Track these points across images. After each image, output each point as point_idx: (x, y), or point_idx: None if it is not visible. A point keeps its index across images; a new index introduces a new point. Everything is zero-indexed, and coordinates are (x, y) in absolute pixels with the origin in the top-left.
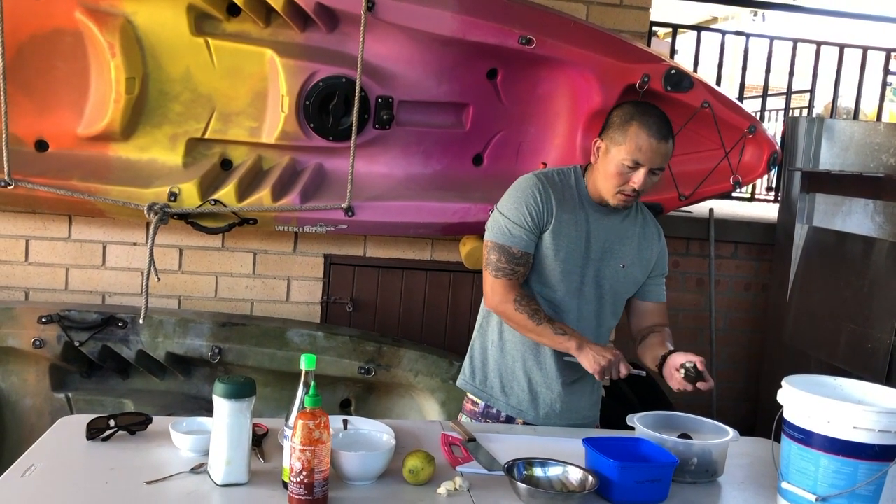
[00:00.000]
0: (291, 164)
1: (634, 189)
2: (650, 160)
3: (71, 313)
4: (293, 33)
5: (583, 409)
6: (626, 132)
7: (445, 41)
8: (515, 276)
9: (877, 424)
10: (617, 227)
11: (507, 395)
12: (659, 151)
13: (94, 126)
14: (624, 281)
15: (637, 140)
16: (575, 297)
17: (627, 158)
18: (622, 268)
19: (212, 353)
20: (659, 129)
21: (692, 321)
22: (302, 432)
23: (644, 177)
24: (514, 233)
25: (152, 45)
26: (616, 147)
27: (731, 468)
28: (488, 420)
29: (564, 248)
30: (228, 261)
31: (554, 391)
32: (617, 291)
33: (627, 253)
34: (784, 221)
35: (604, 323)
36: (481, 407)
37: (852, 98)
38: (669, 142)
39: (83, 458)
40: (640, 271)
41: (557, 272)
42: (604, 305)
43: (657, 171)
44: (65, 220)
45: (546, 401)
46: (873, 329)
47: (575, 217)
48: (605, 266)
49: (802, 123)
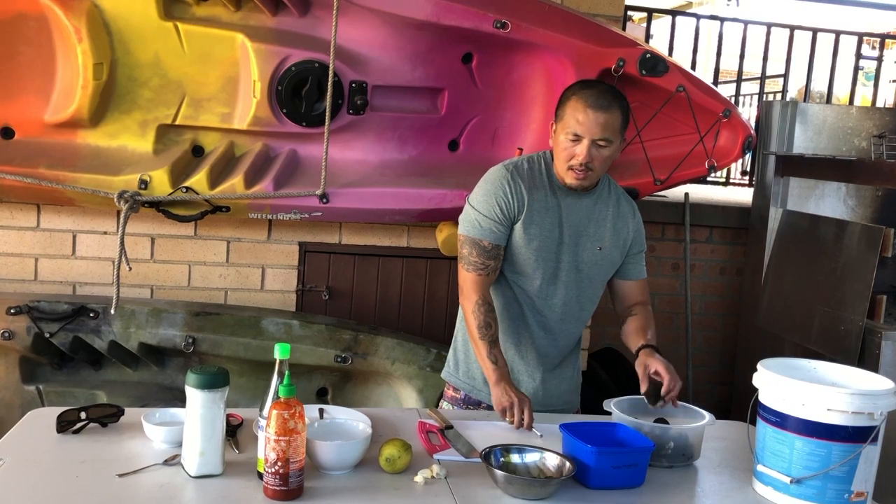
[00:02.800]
0: (264, 150)
1: (582, 163)
2: (589, 131)
3: (41, 304)
4: (264, 17)
5: (563, 394)
6: (565, 107)
7: (420, 25)
8: (486, 271)
9: (850, 406)
10: (590, 210)
11: (489, 385)
12: (598, 122)
13: (61, 113)
14: (602, 263)
15: (575, 113)
16: (553, 283)
17: (569, 132)
18: (599, 250)
19: (185, 342)
20: (597, 99)
21: (667, 305)
22: (276, 422)
23: (587, 149)
24: (485, 225)
25: (120, 29)
26: (559, 123)
27: (707, 452)
28: (469, 407)
29: (538, 236)
30: (201, 249)
31: (536, 379)
32: (596, 274)
33: (603, 234)
34: (758, 205)
35: (586, 307)
36: (462, 395)
37: (825, 82)
38: (612, 112)
39: (54, 451)
40: (618, 252)
41: (532, 261)
42: (583, 290)
43: (602, 144)
44: (33, 208)
45: (528, 389)
46: (846, 312)
47: (546, 204)
48: (582, 250)
49: (776, 107)
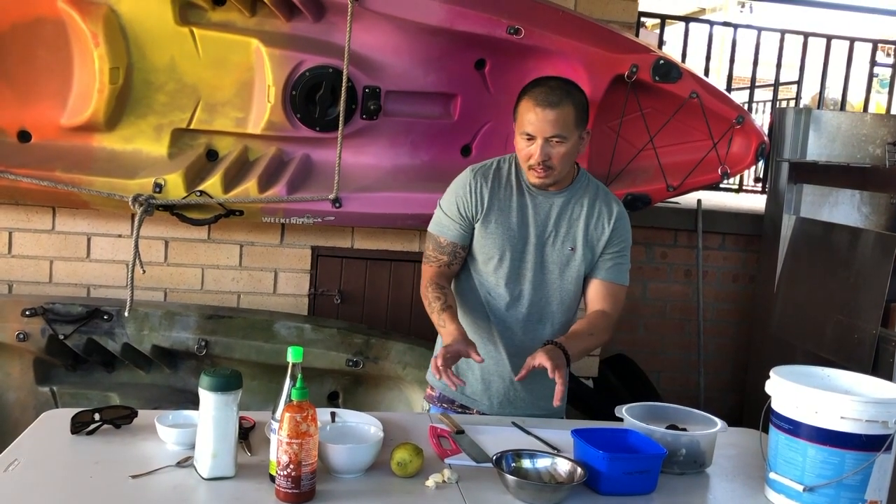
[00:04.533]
0: (278, 154)
1: (539, 162)
2: (541, 130)
3: (55, 306)
4: (279, 23)
5: (538, 401)
6: (518, 107)
7: (433, 31)
8: (437, 264)
9: (863, 414)
10: (562, 209)
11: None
12: (546, 119)
13: (77, 116)
14: (572, 263)
15: (526, 113)
16: (517, 282)
17: (522, 132)
18: (571, 250)
19: (198, 345)
20: (546, 96)
21: (680, 312)
22: (289, 425)
23: (540, 148)
24: (444, 223)
25: (136, 34)
26: (515, 124)
27: (720, 459)
28: (444, 405)
29: (500, 235)
30: (215, 253)
31: (506, 380)
32: (567, 275)
33: (576, 234)
34: (771, 212)
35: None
36: (437, 392)
37: (839, 89)
38: (563, 108)
39: (68, 452)
40: (591, 253)
41: (496, 259)
42: (551, 290)
43: (556, 140)
44: (49, 211)
45: (499, 390)
46: (860, 319)
47: (512, 204)
48: (552, 250)
49: (790, 114)
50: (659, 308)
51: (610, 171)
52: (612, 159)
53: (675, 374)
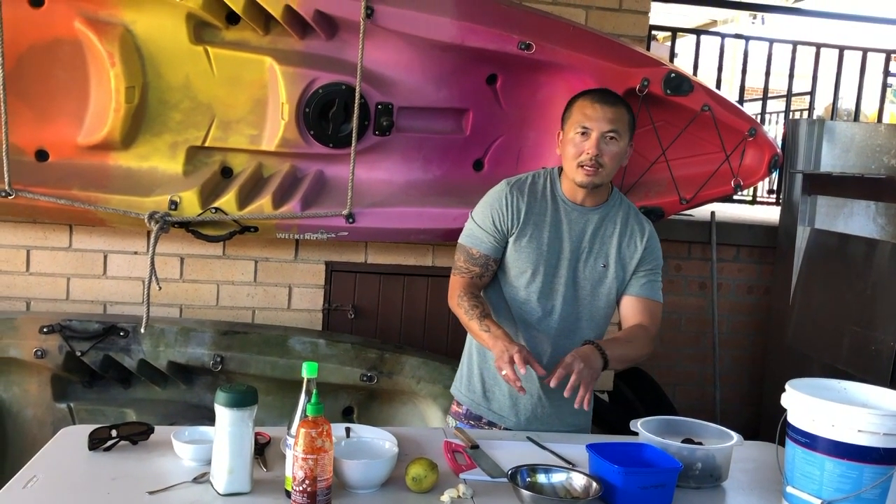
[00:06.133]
0: (292, 171)
1: (592, 158)
2: (598, 124)
3: (72, 323)
4: (292, 41)
5: (566, 416)
6: (572, 108)
7: (444, 47)
8: (469, 275)
9: (881, 427)
10: (597, 226)
11: (489, 399)
12: (605, 115)
13: (94, 135)
14: (604, 280)
15: (583, 109)
16: (549, 298)
17: (577, 127)
18: (603, 267)
19: (213, 361)
20: (603, 96)
21: (694, 325)
22: (304, 440)
23: (596, 142)
24: (477, 235)
25: (152, 53)
26: (567, 123)
27: (736, 473)
28: (470, 422)
29: (534, 250)
30: (229, 269)
31: (534, 396)
32: (597, 292)
33: (609, 252)
34: (786, 224)
35: (588, 325)
36: (464, 409)
37: (853, 100)
38: (619, 108)
39: (85, 468)
40: (623, 270)
41: (529, 274)
42: (583, 306)
43: (612, 136)
44: (65, 229)
45: (526, 406)
46: (877, 331)
47: (546, 219)
48: (584, 266)
49: (803, 126)
50: (674, 321)
51: (623, 184)
52: (624, 172)
53: (690, 387)
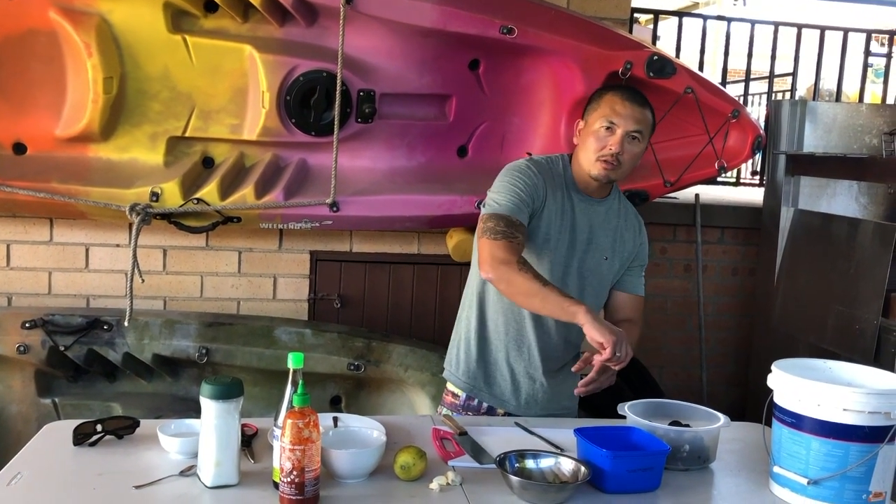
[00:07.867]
0: (274, 160)
1: (613, 154)
2: (625, 122)
3: (55, 317)
4: (272, 28)
5: (563, 400)
6: (601, 99)
7: (426, 32)
8: (516, 241)
9: (866, 406)
10: (600, 217)
11: (490, 385)
12: (633, 115)
13: (72, 127)
14: (607, 273)
15: (612, 103)
16: (560, 285)
17: (604, 120)
18: (605, 260)
19: (199, 353)
20: (633, 96)
21: (680, 307)
22: (291, 431)
23: (620, 139)
24: (508, 202)
25: (129, 43)
26: (593, 114)
27: (723, 454)
28: (469, 412)
29: (554, 236)
30: (213, 260)
31: (536, 381)
32: (600, 284)
33: (609, 245)
34: (770, 205)
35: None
36: (462, 399)
37: (834, 80)
38: (646, 110)
39: (70, 464)
40: (619, 264)
41: (546, 262)
42: (585, 297)
43: (635, 136)
44: (46, 223)
45: (528, 391)
46: (860, 310)
47: (562, 205)
48: (590, 257)
49: (785, 107)
50: (660, 304)
51: None
52: None
53: (677, 369)
